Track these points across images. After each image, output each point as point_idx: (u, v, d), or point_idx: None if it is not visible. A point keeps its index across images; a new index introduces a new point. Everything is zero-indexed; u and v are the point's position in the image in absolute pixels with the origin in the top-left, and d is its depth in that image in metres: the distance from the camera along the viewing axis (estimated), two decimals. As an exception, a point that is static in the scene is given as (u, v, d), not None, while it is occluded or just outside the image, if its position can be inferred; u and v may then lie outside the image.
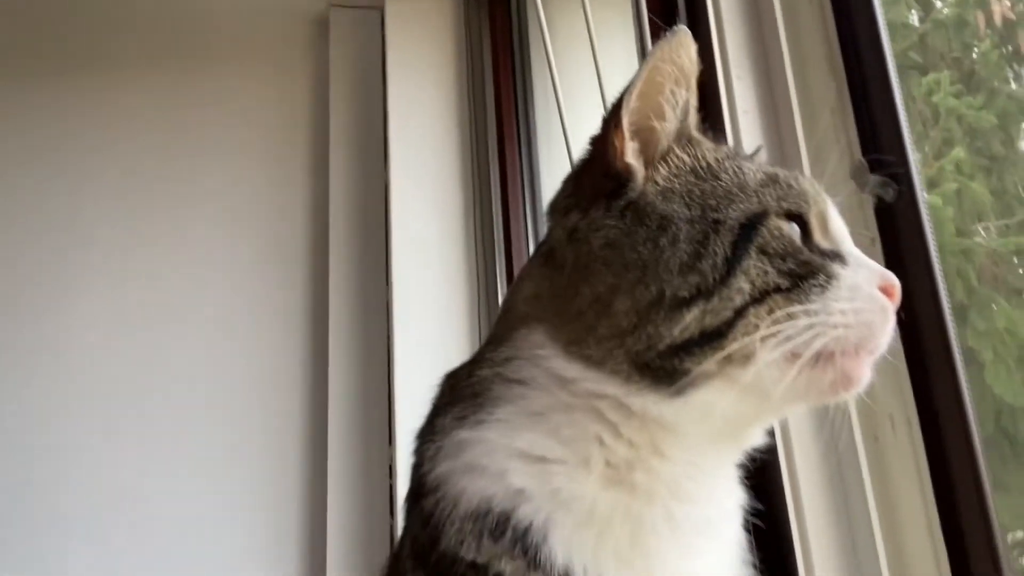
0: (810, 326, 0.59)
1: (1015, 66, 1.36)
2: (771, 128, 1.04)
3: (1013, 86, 1.33)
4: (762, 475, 0.90)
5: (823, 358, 0.60)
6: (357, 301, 2.23)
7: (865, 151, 0.97)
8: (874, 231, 0.96)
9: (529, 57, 2.12)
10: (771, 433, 0.92)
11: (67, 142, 2.37)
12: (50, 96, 2.42)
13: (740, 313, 0.60)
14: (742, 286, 0.60)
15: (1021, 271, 1.24)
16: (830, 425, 0.96)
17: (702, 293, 0.60)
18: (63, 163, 2.37)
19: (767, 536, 0.86)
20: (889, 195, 0.93)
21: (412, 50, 2.23)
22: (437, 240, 2.11)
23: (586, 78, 1.45)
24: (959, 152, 1.33)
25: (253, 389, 2.24)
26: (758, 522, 0.76)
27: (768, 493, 0.94)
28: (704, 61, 0.72)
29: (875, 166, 0.95)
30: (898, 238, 0.94)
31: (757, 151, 0.87)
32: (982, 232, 1.30)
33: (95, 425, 2.15)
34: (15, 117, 2.38)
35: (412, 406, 0.81)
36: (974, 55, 1.42)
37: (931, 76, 1.41)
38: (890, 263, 0.93)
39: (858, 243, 0.83)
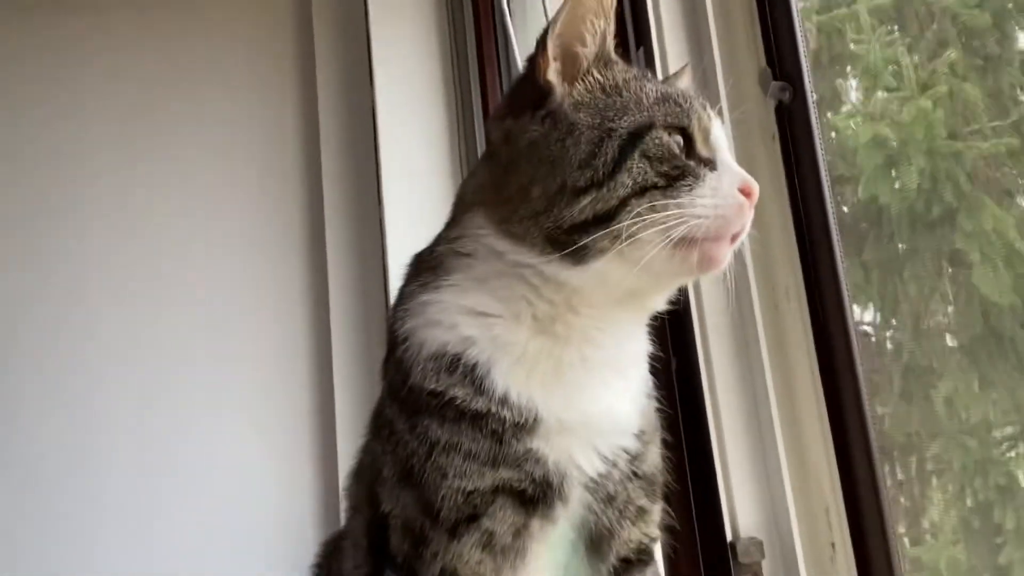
0: (678, 216, 0.76)
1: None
2: (692, 39, 1.19)
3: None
4: (680, 334, 1.12)
5: (688, 242, 0.77)
6: (351, 221, 2.31)
7: (769, 60, 1.12)
8: (774, 128, 1.13)
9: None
10: (685, 299, 1.13)
11: (64, 75, 2.41)
12: (45, 31, 2.44)
13: (624, 202, 0.77)
14: (625, 181, 0.77)
15: (1013, 172, 1.24)
16: (736, 295, 1.17)
17: (594, 184, 0.77)
18: (60, 95, 2.41)
19: (682, 378, 1.07)
20: (786, 98, 1.10)
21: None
22: (424, 157, 2.18)
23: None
24: (953, 53, 1.33)
25: (256, 309, 2.33)
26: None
27: (683, 345, 1.16)
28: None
29: (776, 74, 1.11)
30: (793, 134, 1.11)
31: (683, 68, 1.03)
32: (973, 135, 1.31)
33: (99, 354, 2.24)
34: (11, 55, 2.41)
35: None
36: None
37: (926, -25, 1.40)
38: (784, 155, 1.11)
39: (761, 138, 1.01)
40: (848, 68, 1.50)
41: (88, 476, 2.19)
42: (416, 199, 2.15)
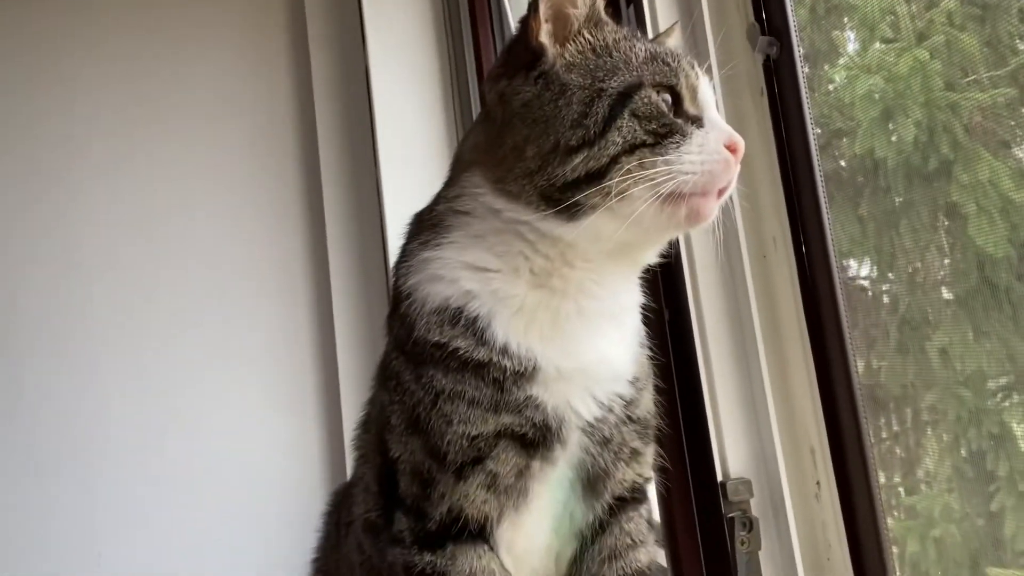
0: (667, 172, 0.79)
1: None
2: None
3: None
4: (672, 285, 1.16)
5: (676, 196, 0.81)
6: (350, 183, 2.34)
7: (757, 16, 1.14)
8: (762, 83, 1.15)
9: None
10: (677, 252, 1.17)
11: (57, 48, 2.41)
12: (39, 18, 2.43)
13: (615, 160, 0.80)
14: (615, 139, 0.80)
15: (1011, 123, 1.19)
16: (725, 246, 1.21)
17: (586, 143, 0.80)
18: (55, 69, 2.40)
19: (674, 327, 1.12)
20: (774, 53, 1.12)
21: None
22: (419, 118, 2.19)
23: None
24: (950, 2, 1.27)
25: (259, 273, 2.39)
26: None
27: (675, 296, 1.20)
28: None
29: (764, 29, 1.14)
30: (781, 88, 1.14)
31: (672, 27, 1.05)
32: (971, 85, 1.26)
33: (106, 327, 2.29)
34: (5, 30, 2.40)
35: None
36: None
37: (923, -80, 1.36)
38: (772, 109, 1.14)
39: (749, 93, 1.04)
40: (845, 20, 1.49)
41: (91, 445, 2.24)
42: (412, 160, 2.16)
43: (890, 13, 1.34)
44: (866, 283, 1.35)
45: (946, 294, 1.29)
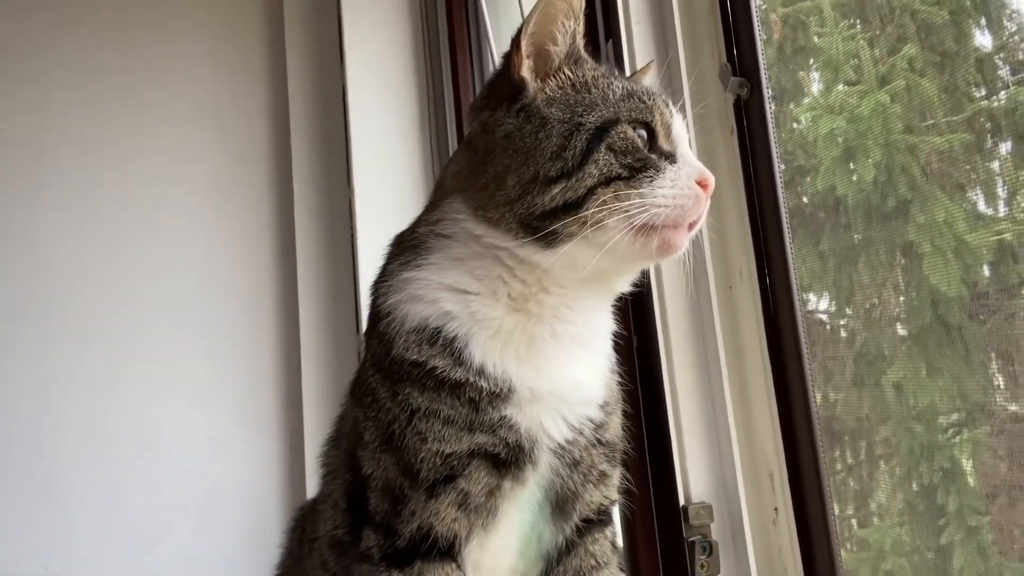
0: (640, 204, 0.83)
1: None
2: (659, 34, 1.26)
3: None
4: (641, 313, 1.19)
5: (648, 228, 0.84)
6: (322, 200, 2.33)
7: (729, 57, 1.19)
8: (732, 121, 1.20)
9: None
10: (647, 281, 1.20)
11: (27, 52, 2.37)
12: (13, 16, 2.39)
13: (591, 191, 0.83)
14: (592, 172, 0.84)
15: (966, 167, 1.23)
16: (693, 278, 1.25)
17: (564, 174, 0.84)
18: (24, 74, 2.36)
19: (642, 354, 1.15)
20: (744, 94, 1.17)
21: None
22: (395, 142, 2.21)
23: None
24: (911, 48, 1.33)
25: (226, 285, 2.36)
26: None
27: (643, 324, 1.23)
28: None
29: (736, 70, 1.19)
30: (750, 128, 1.19)
31: (648, 65, 1.09)
32: (929, 128, 1.32)
33: (68, 331, 2.24)
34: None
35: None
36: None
37: (888, -30, 1.44)
38: (741, 147, 1.19)
39: (720, 131, 1.08)
40: (811, 61, 1.54)
41: (44, 454, 2.19)
42: (386, 178, 2.17)
43: (854, 56, 1.39)
44: (825, 317, 1.40)
45: (901, 330, 1.33)
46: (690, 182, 0.86)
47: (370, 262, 2.02)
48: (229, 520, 2.25)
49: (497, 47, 1.83)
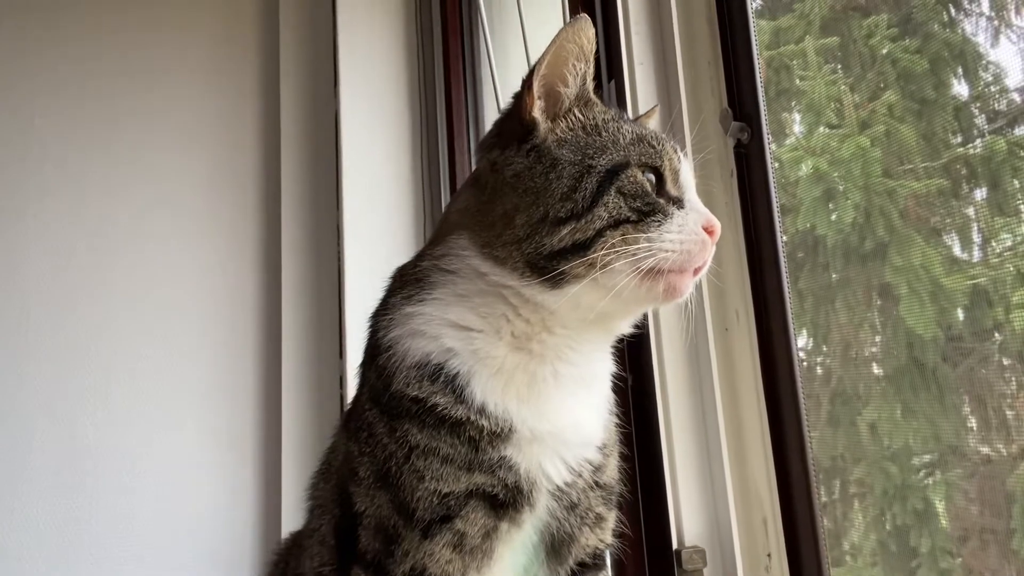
0: (648, 249, 0.83)
1: (951, 10, 1.38)
2: (661, 77, 1.28)
3: (947, 31, 1.35)
4: (638, 355, 1.19)
5: (654, 272, 0.84)
6: (309, 224, 2.32)
7: (730, 101, 1.21)
8: (733, 165, 1.21)
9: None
10: (645, 323, 1.20)
11: (13, 65, 2.34)
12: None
13: (600, 233, 0.83)
14: (602, 214, 0.84)
15: (942, 212, 1.27)
16: (691, 318, 1.25)
17: (574, 216, 0.84)
18: (10, 88, 2.33)
19: (637, 395, 1.14)
20: (745, 138, 1.18)
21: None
22: (386, 167, 2.20)
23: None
24: (891, 95, 1.36)
25: (208, 305, 2.33)
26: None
27: (639, 364, 1.23)
28: (610, 20, 0.92)
29: (737, 114, 1.20)
30: (750, 171, 1.20)
31: (652, 110, 1.10)
32: (908, 173, 1.36)
33: (46, 354, 2.20)
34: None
35: (361, 324, 0.99)
36: (913, -2, 1.46)
37: (871, 19, 1.45)
38: (742, 190, 1.20)
39: (720, 175, 1.08)
40: (793, 103, 1.57)
41: (11, 479, 2.13)
42: (376, 205, 2.17)
43: (836, 101, 1.43)
44: (802, 355, 1.40)
45: (877, 370, 1.35)
46: (697, 228, 0.87)
47: (356, 287, 2.07)
48: (202, 548, 2.19)
49: (499, 76, 1.84)
